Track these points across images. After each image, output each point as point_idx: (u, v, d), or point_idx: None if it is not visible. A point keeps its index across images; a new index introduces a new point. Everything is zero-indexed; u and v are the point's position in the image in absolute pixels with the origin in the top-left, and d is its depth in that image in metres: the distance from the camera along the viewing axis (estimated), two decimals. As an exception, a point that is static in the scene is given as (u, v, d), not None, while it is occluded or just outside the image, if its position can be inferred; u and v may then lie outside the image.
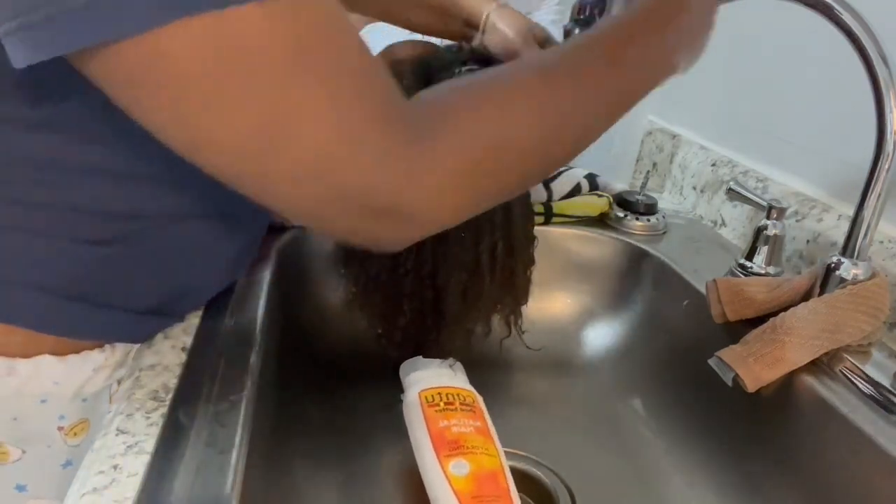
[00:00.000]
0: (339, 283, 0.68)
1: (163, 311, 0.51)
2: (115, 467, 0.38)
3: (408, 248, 0.60)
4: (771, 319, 0.55)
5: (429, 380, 0.57)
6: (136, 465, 0.38)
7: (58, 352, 0.47)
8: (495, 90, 0.38)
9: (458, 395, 0.56)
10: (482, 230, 0.60)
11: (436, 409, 0.54)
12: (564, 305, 0.80)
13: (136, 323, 0.49)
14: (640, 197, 0.81)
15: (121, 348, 0.50)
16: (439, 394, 0.56)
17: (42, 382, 0.47)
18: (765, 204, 0.66)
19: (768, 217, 0.66)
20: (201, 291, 0.54)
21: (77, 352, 0.48)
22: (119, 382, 0.51)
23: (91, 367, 0.49)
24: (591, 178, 0.83)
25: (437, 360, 0.60)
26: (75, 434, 0.50)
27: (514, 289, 0.64)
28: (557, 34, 0.93)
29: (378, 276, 0.60)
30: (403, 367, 0.61)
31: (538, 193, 0.79)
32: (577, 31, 1.18)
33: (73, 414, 0.50)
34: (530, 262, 0.65)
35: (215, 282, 0.55)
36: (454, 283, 0.60)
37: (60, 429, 0.50)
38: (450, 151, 0.34)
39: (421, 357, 0.61)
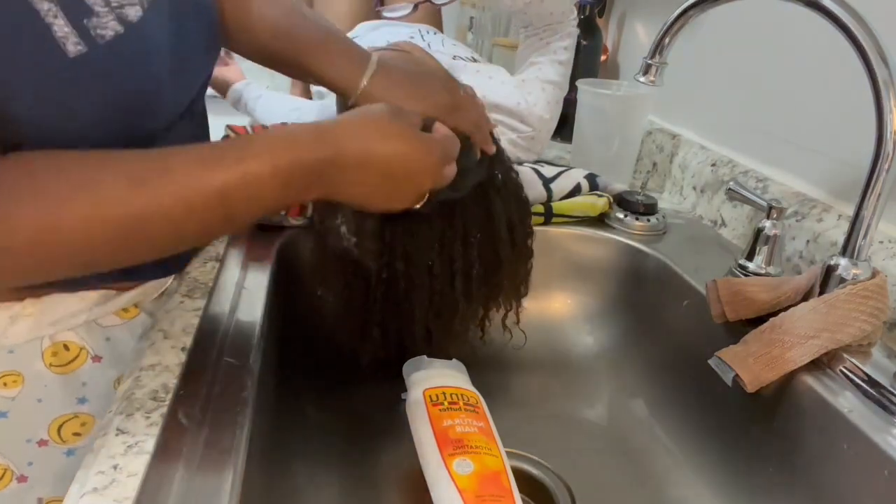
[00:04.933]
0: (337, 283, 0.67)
1: None
2: (115, 467, 0.38)
3: (378, 274, 0.56)
4: (771, 319, 0.55)
5: (433, 379, 0.57)
6: (136, 465, 0.38)
7: None
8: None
9: (462, 395, 0.56)
10: (454, 253, 0.57)
11: (440, 409, 0.54)
12: (564, 305, 0.80)
13: None
14: (640, 197, 0.81)
15: (45, 300, 0.50)
16: (444, 393, 0.56)
17: None
18: (765, 204, 0.66)
19: (768, 217, 0.66)
20: None
21: None
22: (51, 342, 0.52)
23: (7, 315, 0.49)
24: (591, 178, 0.83)
25: (442, 360, 0.60)
26: (5, 385, 0.51)
27: (510, 288, 0.62)
28: (569, 57, 0.92)
29: (350, 301, 0.59)
30: (407, 365, 0.61)
31: (538, 194, 0.79)
32: (577, 31, 1.17)
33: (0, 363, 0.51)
34: (528, 256, 0.63)
35: None
36: (422, 312, 0.58)
37: None
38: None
39: (425, 357, 0.60)
